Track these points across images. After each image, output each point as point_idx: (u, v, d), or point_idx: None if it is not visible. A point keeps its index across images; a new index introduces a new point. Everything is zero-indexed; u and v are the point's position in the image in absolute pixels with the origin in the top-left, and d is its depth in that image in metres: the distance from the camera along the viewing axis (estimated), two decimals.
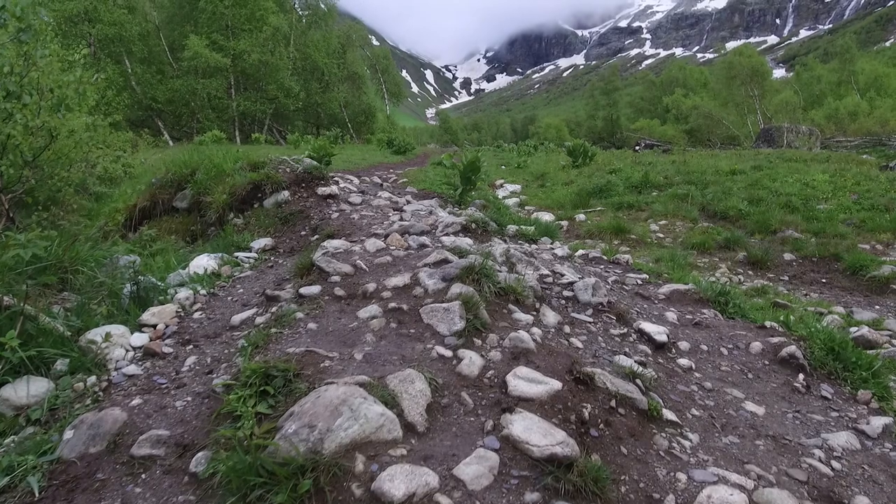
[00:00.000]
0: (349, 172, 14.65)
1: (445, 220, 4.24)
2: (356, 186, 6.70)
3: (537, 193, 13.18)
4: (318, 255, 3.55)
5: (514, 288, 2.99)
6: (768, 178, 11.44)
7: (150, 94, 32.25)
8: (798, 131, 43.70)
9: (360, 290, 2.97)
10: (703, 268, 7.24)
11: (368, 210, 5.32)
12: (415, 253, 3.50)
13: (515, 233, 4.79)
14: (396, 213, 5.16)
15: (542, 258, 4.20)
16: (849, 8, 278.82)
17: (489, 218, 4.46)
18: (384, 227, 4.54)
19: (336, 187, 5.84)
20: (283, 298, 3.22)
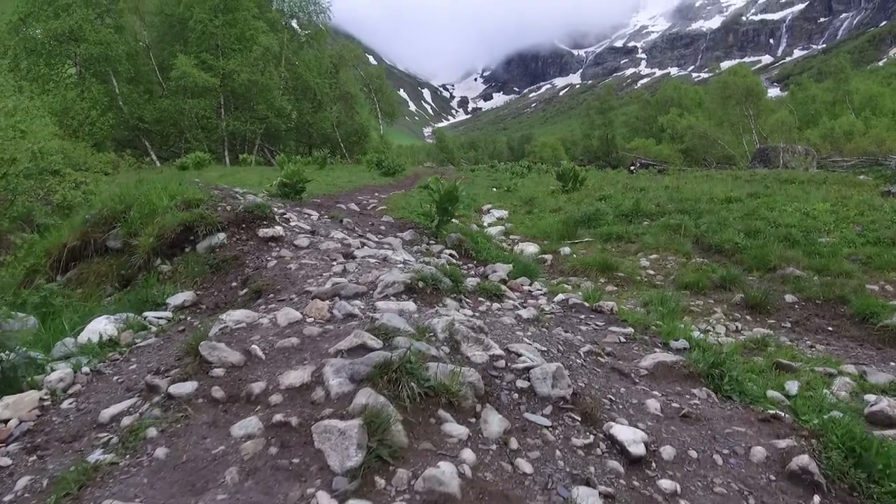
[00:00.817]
0: (329, 198, 14.04)
1: (386, 278, 3.55)
2: (311, 224, 6.02)
3: (524, 221, 12.54)
4: (215, 331, 2.88)
5: (448, 386, 2.31)
6: (766, 206, 10.82)
7: (136, 114, 31.72)
8: (794, 151, 43.41)
9: (245, 390, 2.29)
10: (696, 312, 6.56)
11: (312, 256, 4.65)
12: (333, 330, 2.81)
13: (476, 287, 4.09)
14: (342, 262, 4.48)
15: (500, 324, 3.51)
16: (842, 28, 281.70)
17: (443, 273, 3.76)
18: (319, 282, 3.86)
19: (281, 228, 5.16)
20: (161, 390, 2.53)
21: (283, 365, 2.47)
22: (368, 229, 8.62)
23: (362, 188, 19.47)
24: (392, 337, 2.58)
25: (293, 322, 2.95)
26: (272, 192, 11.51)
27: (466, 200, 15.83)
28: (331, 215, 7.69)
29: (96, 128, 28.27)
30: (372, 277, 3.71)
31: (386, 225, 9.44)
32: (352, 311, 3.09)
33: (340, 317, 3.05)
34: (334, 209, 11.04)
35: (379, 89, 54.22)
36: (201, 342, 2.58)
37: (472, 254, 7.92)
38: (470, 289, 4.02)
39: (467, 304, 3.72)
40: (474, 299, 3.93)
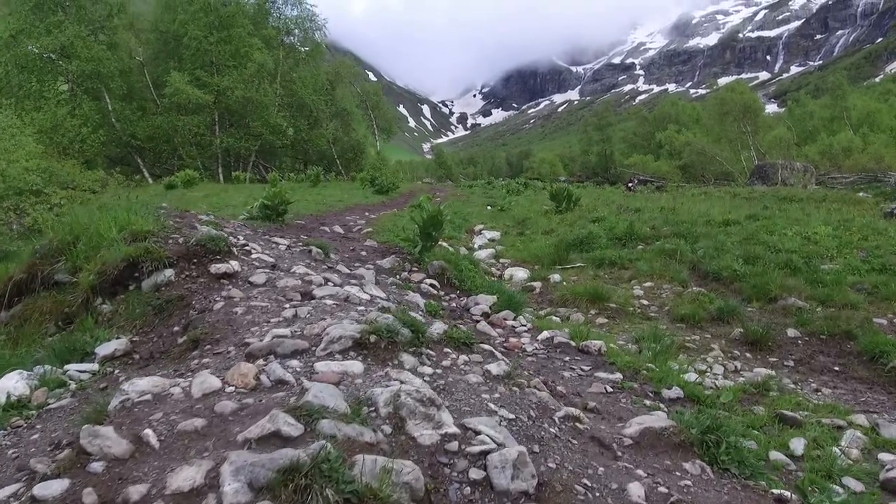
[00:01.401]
0: (315, 219, 13.62)
1: (333, 332, 3.10)
2: (275, 255, 5.58)
3: (515, 243, 12.11)
4: (115, 405, 2.43)
5: (376, 491, 1.86)
6: (765, 230, 10.39)
7: (129, 131, 31.41)
8: (793, 168, 43.21)
9: (122, 496, 1.83)
10: (692, 349, 6.10)
11: (266, 297, 4.20)
12: (252, 406, 2.36)
13: (443, 336, 3.64)
14: (296, 304, 4.03)
15: (464, 385, 3.05)
16: (838, 45, 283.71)
17: (402, 322, 3.31)
18: (262, 332, 3.41)
19: (237, 263, 4.72)
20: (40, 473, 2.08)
21: (178, 457, 2.02)
22: (348, 255, 8.19)
23: (353, 207, 19.07)
24: (317, 419, 2.12)
25: (209, 393, 2.50)
26: (253, 214, 11.10)
27: (458, 221, 15.49)
28: (305, 242, 7.25)
29: (87, 145, 27.95)
30: (319, 329, 3.26)
31: (368, 250, 9.01)
32: (283, 377, 2.63)
33: (269, 384, 2.60)
34: (317, 232, 10.64)
35: (376, 106, 54.10)
36: (84, 426, 2.12)
37: (456, 283, 7.49)
38: (435, 338, 3.56)
39: (429, 360, 3.26)
40: (439, 351, 3.47)
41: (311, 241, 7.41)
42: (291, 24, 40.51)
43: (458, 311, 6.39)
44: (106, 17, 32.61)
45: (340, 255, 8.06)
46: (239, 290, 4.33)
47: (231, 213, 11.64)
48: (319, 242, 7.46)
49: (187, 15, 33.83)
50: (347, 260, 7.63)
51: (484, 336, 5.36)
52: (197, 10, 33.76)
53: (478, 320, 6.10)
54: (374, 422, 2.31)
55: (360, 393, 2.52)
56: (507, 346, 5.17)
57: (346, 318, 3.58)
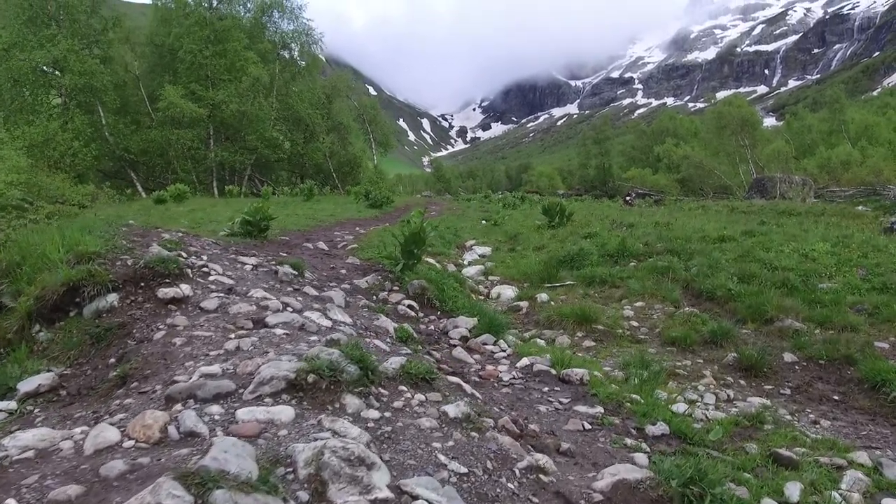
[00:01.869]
0: (301, 235, 13.30)
1: (265, 371, 2.75)
2: (238, 276, 5.24)
3: (505, 259, 11.78)
4: None
5: None
6: (761, 246, 10.06)
7: (122, 145, 31.16)
8: (791, 181, 42.97)
9: None
10: (683, 375, 5.75)
11: (213, 325, 3.86)
12: (146, 467, 2.01)
13: (399, 371, 3.29)
14: (243, 333, 3.69)
15: (414, 430, 2.70)
16: (835, 59, 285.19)
17: (349, 358, 2.97)
18: (195, 367, 3.07)
19: (189, 287, 4.38)
20: None
21: None
22: (326, 274, 7.86)
23: (344, 222, 18.76)
24: (210, 489, 1.78)
25: (103, 448, 2.15)
26: (234, 230, 10.78)
27: (449, 237, 15.16)
28: (278, 261, 6.92)
29: (78, 159, 27.70)
30: (253, 366, 2.91)
31: (349, 268, 8.68)
32: (194, 429, 2.28)
33: (176, 437, 2.25)
34: (299, 249, 10.31)
35: (373, 119, 54.00)
36: None
37: (436, 304, 7.15)
38: (390, 373, 3.21)
39: (378, 401, 2.91)
40: (393, 389, 3.12)
41: (284, 260, 7.07)
42: (288, 38, 40.44)
43: (435, 334, 6.04)
44: (101, 31, 32.50)
45: (318, 273, 7.73)
46: (185, 317, 3.99)
47: (212, 229, 11.31)
48: (293, 261, 7.13)
49: (182, 29, 33.75)
50: (325, 279, 7.30)
51: (459, 364, 5.02)
52: (192, 24, 33.68)
53: (455, 345, 5.76)
54: (288, 487, 1.96)
55: (281, 449, 2.18)
56: (483, 374, 4.82)
57: (291, 351, 3.23)
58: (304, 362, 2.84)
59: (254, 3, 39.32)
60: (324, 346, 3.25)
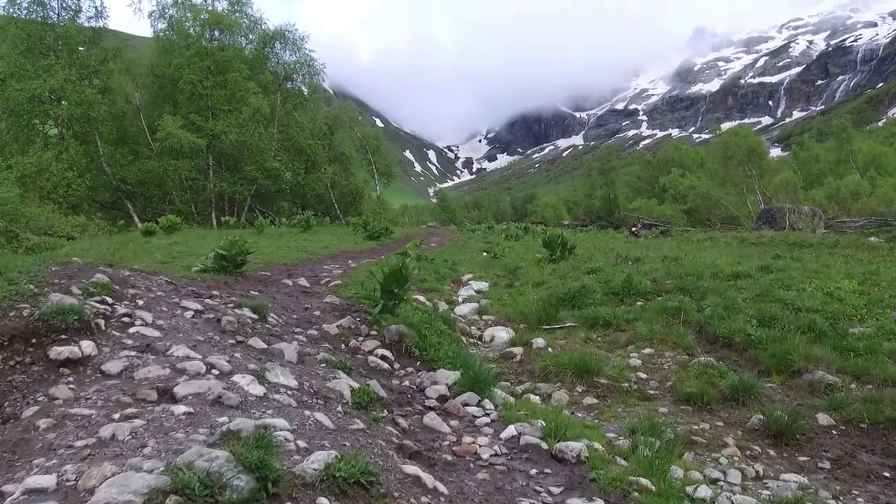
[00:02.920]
0: (285, 269, 12.51)
1: (100, 496, 1.91)
2: (166, 327, 4.42)
3: (502, 296, 10.93)
4: None
5: None
6: (781, 284, 9.18)
7: (119, 175, 30.72)
8: (800, 212, 42.09)
9: None
10: (701, 444, 4.84)
11: (104, 398, 3.03)
12: None
13: (320, 476, 2.43)
14: (128, 415, 2.85)
15: None
16: (839, 90, 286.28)
17: (243, 463, 2.12)
18: (47, 465, 2.24)
19: (91, 344, 3.56)
20: None
21: None
22: (296, 317, 7.04)
23: (337, 254, 18.00)
24: None
25: None
26: (207, 266, 10.01)
27: (444, 271, 14.32)
28: (236, 303, 6.10)
29: (72, 189, 27.20)
30: (97, 479, 2.07)
31: (325, 308, 7.86)
32: None
33: None
34: (275, 286, 9.51)
35: (376, 150, 53.75)
36: None
37: (416, 352, 6.30)
38: (308, 478, 2.36)
39: None
40: (310, 500, 2.27)
41: (244, 302, 6.25)
42: (290, 69, 40.31)
43: (409, 392, 5.18)
44: (100, 62, 32.36)
45: (286, 316, 6.91)
46: (74, 385, 3.17)
47: (186, 264, 10.55)
48: (255, 303, 6.31)
49: (183, 59, 33.59)
50: (290, 324, 6.48)
51: (430, 435, 4.14)
52: (193, 54, 33.53)
53: (431, 406, 4.90)
54: None
55: None
56: (458, 451, 3.94)
57: (173, 447, 2.39)
58: (168, 475, 2.00)
59: (256, 35, 39.32)
60: (218, 438, 2.41)
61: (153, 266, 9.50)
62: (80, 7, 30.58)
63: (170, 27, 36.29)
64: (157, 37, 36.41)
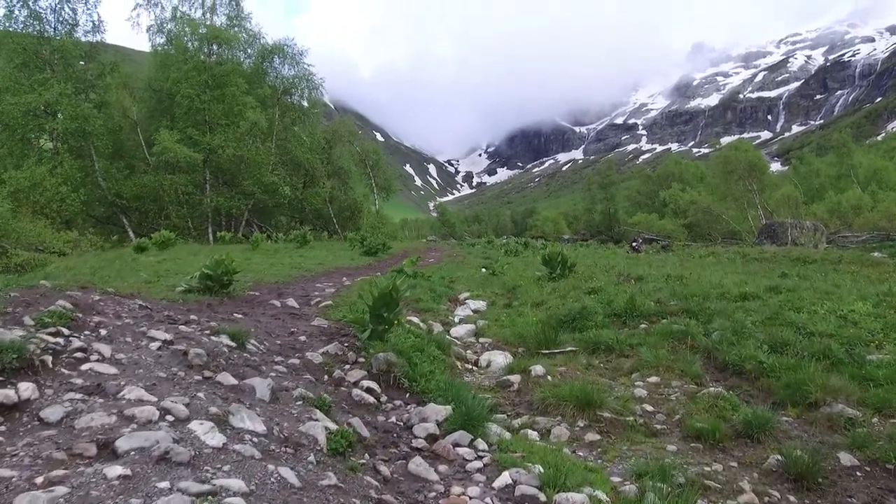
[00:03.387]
0: (275, 288, 12.11)
1: None
2: (125, 362, 4.01)
3: (500, 317, 10.52)
4: None
5: None
6: (791, 306, 8.77)
7: (114, 190, 30.40)
8: (802, 227, 41.68)
9: None
10: (715, 490, 4.41)
11: (33, 454, 2.63)
12: None
13: None
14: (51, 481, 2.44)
15: None
16: (838, 105, 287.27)
17: None
18: None
19: (30, 387, 3.16)
20: None
21: None
22: (280, 343, 6.64)
23: (332, 271, 17.61)
24: None
25: None
26: (192, 286, 9.62)
27: (441, 289, 13.90)
28: (214, 330, 5.70)
29: (66, 204, 26.85)
30: None
31: (312, 333, 7.47)
32: None
33: None
34: (262, 307, 9.11)
35: (375, 164, 53.54)
36: None
37: (405, 383, 5.88)
38: None
39: None
40: None
41: (221, 329, 5.85)
42: (288, 84, 40.16)
43: (395, 431, 4.75)
44: (97, 76, 32.17)
45: (269, 342, 6.51)
46: (2, 438, 2.75)
47: (172, 284, 10.15)
48: (234, 329, 5.91)
49: (181, 73, 33.42)
50: (272, 352, 6.08)
51: (414, 485, 3.72)
52: (190, 69, 33.36)
53: (418, 447, 4.47)
54: None
55: None
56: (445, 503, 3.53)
57: None
58: None
59: (254, 50, 39.21)
60: None
61: (135, 286, 9.11)
62: (78, 21, 30.51)
63: (168, 41, 36.18)
64: (156, 51, 36.28)
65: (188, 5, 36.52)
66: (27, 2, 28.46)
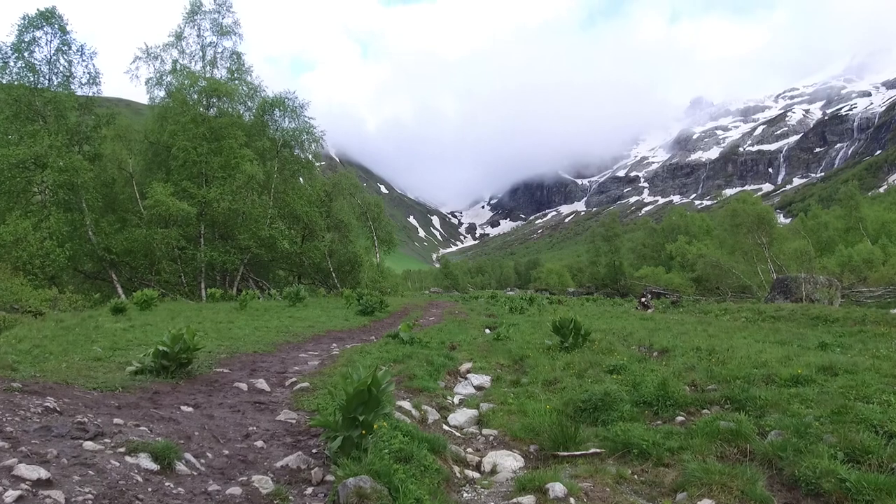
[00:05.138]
0: (252, 360, 10.69)
1: None
2: None
3: (507, 399, 9.04)
4: None
5: None
6: (856, 394, 7.30)
7: (103, 244, 29.28)
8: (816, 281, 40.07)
9: None
10: None
11: None
12: None
13: None
14: None
15: None
16: (838, 158, 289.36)
17: None
18: None
19: None
20: None
21: None
22: (227, 453, 5.20)
23: (322, 335, 16.16)
24: None
25: None
26: (146, 365, 8.23)
27: (440, 360, 12.37)
28: (131, 447, 4.29)
29: (50, 260, 25.67)
30: None
31: (276, 433, 6.05)
32: None
33: None
34: (222, 393, 7.67)
35: (377, 217, 52.75)
36: None
37: None
38: None
39: None
40: None
41: (142, 444, 4.43)
42: (288, 136, 39.62)
43: None
44: (93, 128, 31.56)
45: (214, 452, 5.09)
46: None
47: (124, 361, 8.76)
48: (160, 446, 4.49)
49: (178, 126, 32.83)
50: (220, 466, 4.66)
51: None
52: (188, 121, 32.79)
53: None
54: None
55: None
56: None
57: None
58: None
59: (255, 103, 38.83)
60: None
61: (76, 368, 7.73)
62: (74, 73, 30.01)
63: (167, 94, 35.78)
64: (153, 103, 35.87)
65: (188, 58, 36.33)
66: (22, 53, 28.06)
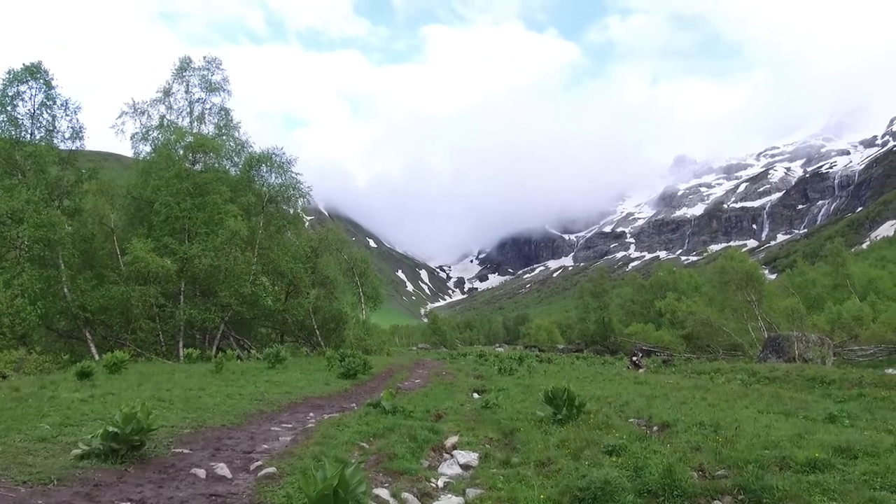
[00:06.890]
0: (217, 436, 9.81)
1: None
2: None
3: (496, 482, 8.19)
4: None
5: None
6: (881, 482, 6.60)
7: (78, 301, 28.25)
8: (808, 340, 39.51)
9: None
10: None
11: None
12: None
13: None
14: None
15: None
16: (820, 214, 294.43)
17: None
18: None
19: None
20: None
21: None
22: None
23: (299, 402, 15.21)
24: None
25: None
26: (93, 448, 7.36)
27: (423, 434, 11.50)
28: None
29: (20, 318, 24.59)
30: None
31: None
32: None
33: None
34: (176, 482, 6.81)
35: (363, 273, 52.01)
36: None
37: None
38: None
39: None
40: None
41: None
42: (274, 192, 39.28)
43: None
44: (73, 183, 31.02)
45: None
46: None
47: (72, 441, 7.89)
48: None
49: (162, 181, 32.37)
50: None
51: None
52: (172, 176, 32.36)
53: None
54: None
55: None
56: None
57: None
58: None
59: (242, 158, 38.62)
60: None
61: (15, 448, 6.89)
62: (57, 127, 29.70)
63: (153, 149, 35.49)
64: (138, 158, 35.52)
65: (176, 114, 36.24)
66: (5, 107, 27.76)
